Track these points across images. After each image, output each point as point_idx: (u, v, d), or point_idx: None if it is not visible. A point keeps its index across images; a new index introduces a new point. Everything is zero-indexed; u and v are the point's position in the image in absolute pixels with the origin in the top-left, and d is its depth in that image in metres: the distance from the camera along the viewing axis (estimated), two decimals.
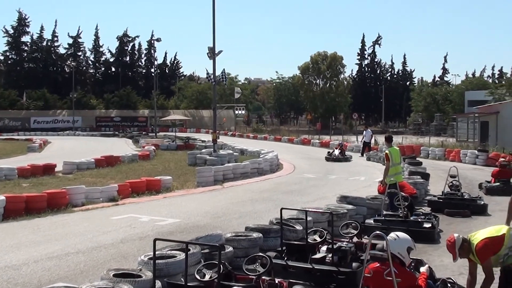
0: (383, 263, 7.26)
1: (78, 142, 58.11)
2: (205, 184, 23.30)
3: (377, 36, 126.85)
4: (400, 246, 7.43)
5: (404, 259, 7.45)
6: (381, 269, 7.25)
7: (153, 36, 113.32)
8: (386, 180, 14.89)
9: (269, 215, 13.92)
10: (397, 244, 7.43)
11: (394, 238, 7.49)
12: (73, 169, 28.09)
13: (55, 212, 16.19)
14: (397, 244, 7.44)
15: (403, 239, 7.56)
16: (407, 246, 7.49)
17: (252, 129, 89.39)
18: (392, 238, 7.45)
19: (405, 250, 7.45)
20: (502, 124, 47.10)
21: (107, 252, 11.44)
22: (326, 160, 36.66)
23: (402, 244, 7.48)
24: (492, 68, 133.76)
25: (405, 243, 7.51)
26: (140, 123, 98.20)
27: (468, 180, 24.22)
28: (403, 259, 7.43)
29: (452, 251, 7.76)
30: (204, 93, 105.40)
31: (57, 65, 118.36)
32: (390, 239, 7.29)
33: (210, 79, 34.96)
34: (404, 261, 7.45)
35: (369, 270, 7.31)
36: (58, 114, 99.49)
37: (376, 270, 7.30)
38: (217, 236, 9.77)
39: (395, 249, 7.32)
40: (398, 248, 7.40)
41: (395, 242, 7.40)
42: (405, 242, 7.53)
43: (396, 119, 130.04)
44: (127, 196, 19.55)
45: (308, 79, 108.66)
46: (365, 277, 7.17)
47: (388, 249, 6.93)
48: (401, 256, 7.40)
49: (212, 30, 33.80)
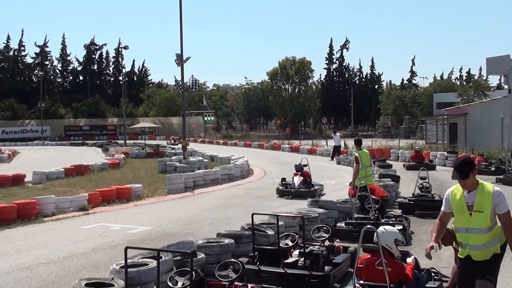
0: (374, 255, 7.91)
1: (47, 152, 57.58)
2: (176, 191, 23.23)
3: (345, 40, 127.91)
4: (388, 239, 7.90)
5: (392, 250, 7.91)
6: (372, 260, 7.84)
7: (121, 44, 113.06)
8: (356, 183, 14.98)
9: (240, 221, 13.92)
10: (386, 237, 7.90)
11: (382, 231, 7.95)
12: (43, 179, 27.82)
13: (25, 223, 16.02)
14: (385, 236, 7.91)
15: (390, 232, 8.11)
16: (394, 238, 7.98)
17: (222, 135, 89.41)
18: (381, 231, 7.89)
19: (393, 242, 7.93)
20: (471, 126, 47.64)
21: (78, 261, 11.36)
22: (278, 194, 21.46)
23: (390, 237, 7.97)
24: (460, 70, 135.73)
25: (392, 235, 8.02)
26: (109, 132, 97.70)
27: (438, 182, 24.42)
28: (392, 250, 7.89)
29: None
30: (173, 100, 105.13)
31: (24, 75, 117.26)
32: (379, 232, 7.74)
33: (179, 86, 34.84)
34: (393, 252, 7.91)
35: (361, 261, 7.87)
36: (26, 124, 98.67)
37: (368, 261, 7.88)
38: (188, 243, 9.74)
39: (384, 241, 7.78)
40: (387, 240, 7.86)
41: (383, 234, 7.85)
42: (392, 234, 8.04)
43: (365, 122, 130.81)
44: (97, 205, 19.41)
45: (277, 85, 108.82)
46: (358, 267, 7.65)
47: (379, 241, 7.47)
48: (390, 248, 7.86)
49: (179, 36, 33.80)
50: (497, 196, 6.38)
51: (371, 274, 7.68)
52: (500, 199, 6.38)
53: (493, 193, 6.38)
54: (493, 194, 6.37)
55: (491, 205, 6.36)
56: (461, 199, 6.52)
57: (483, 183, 6.47)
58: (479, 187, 6.44)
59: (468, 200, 6.45)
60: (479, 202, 6.37)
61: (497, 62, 45.71)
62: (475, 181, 6.45)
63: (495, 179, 25.58)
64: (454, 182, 6.63)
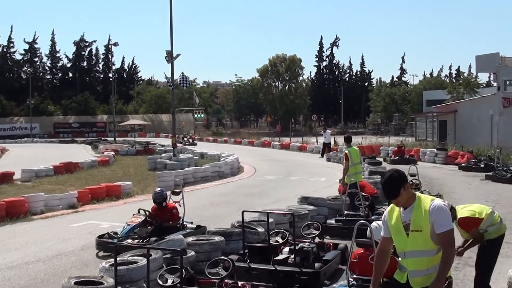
0: (367, 249, 8.24)
1: (36, 149, 57.29)
2: (166, 188, 23.14)
3: (335, 37, 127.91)
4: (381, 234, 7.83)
5: None
6: (365, 254, 8.23)
7: (110, 40, 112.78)
8: (346, 180, 15.02)
9: (230, 218, 13.90)
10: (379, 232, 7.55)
11: (376, 226, 8.06)
12: (32, 177, 27.70)
13: (14, 221, 16.00)
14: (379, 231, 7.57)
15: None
16: None
17: (212, 132, 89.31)
18: (374, 226, 8.05)
19: None
20: (460, 123, 47.81)
21: (68, 260, 11.33)
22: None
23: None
24: (450, 67, 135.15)
25: None
26: (99, 129, 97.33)
27: (428, 179, 24.48)
28: None
29: None
30: (163, 97, 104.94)
31: (13, 72, 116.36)
32: (373, 227, 7.90)
33: (170, 83, 34.78)
34: None
35: (354, 255, 8.18)
36: (15, 121, 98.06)
37: (361, 256, 8.28)
38: (178, 241, 9.74)
39: (377, 236, 7.63)
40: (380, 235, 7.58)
41: (376, 230, 7.85)
42: None
43: (355, 119, 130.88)
44: (87, 203, 19.40)
45: (267, 82, 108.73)
46: (351, 262, 7.85)
47: (372, 236, 7.62)
48: None
49: (170, 33, 33.68)
50: (434, 211, 5.40)
51: (364, 268, 7.78)
52: (438, 215, 5.39)
53: (430, 208, 5.41)
54: (430, 210, 5.40)
55: (429, 223, 5.40)
56: (397, 218, 5.67)
57: (420, 197, 5.58)
58: (415, 202, 5.54)
59: (404, 219, 5.59)
60: (415, 220, 5.47)
61: (487, 59, 45.92)
62: (410, 196, 5.56)
63: (484, 175, 25.75)
64: (445, 178, 6.61)
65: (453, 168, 30.91)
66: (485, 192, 21.29)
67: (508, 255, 10.78)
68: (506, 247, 11.27)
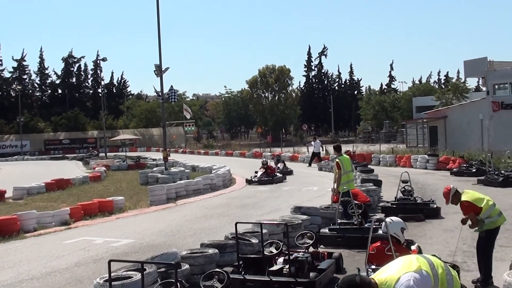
0: (383, 242, 9.19)
1: (27, 167, 57.20)
2: (158, 202, 23.15)
3: (323, 47, 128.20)
4: (395, 228, 9.22)
5: (400, 238, 9.24)
6: (382, 247, 9.16)
7: (99, 56, 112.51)
8: (339, 188, 15.02)
9: (224, 230, 13.89)
10: (393, 226, 9.19)
11: (390, 221, 9.22)
12: (24, 194, 27.62)
13: (6, 239, 15.92)
14: (393, 226, 9.19)
15: (397, 222, 9.44)
16: (400, 227, 9.35)
17: (203, 145, 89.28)
18: (389, 221, 9.18)
19: (399, 230, 9.28)
20: (451, 128, 47.96)
21: (62, 277, 11.27)
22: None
23: (397, 226, 9.30)
24: (438, 73, 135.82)
25: (398, 225, 9.36)
26: (90, 145, 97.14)
27: (420, 185, 24.56)
28: (399, 237, 9.21)
29: (446, 197, 9.82)
30: (153, 111, 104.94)
31: (2, 90, 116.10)
32: (387, 222, 9.04)
33: (160, 97, 34.80)
34: (400, 239, 9.24)
35: (372, 248, 9.09)
36: (5, 139, 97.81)
37: (378, 248, 9.19)
38: (172, 255, 9.70)
39: (392, 230, 9.01)
40: (394, 229, 9.17)
41: (391, 224, 9.11)
42: (398, 224, 9.39)
43: (345, 128, 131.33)
44: (79, 219, 19.32)
45: (257, 93, 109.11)
46: (370, 254, 8.71)
47: (388, 230, 8.72)
48: (397, 236, 9.16)
49: (158, 47, 33.71)
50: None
51: (381, 259, 8.19)
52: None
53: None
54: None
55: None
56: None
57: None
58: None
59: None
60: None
61: (475, 64, 46.17)
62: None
63: (476, 180, 25.79)
64: (438, 184, 6.66)
65: (445, 174, 30.98)
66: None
67: (503, 258, 10.79)
68: (500, 250, 11.31)
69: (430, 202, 17.58)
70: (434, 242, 12.92)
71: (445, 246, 12.61)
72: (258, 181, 29.91)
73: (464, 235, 10.56)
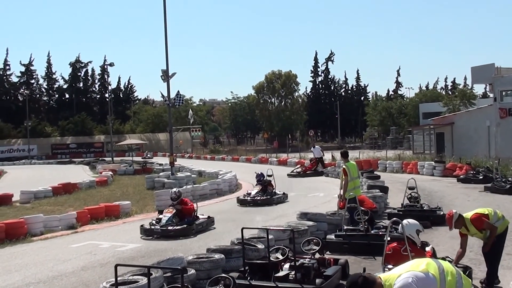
0: (399, 243, 9.49)
1: (34, 171, 57.29)
2: (165, 207, 23.11)
3: (330, 52, 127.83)
4: (411, 229, 9.40)
5: (415, 239, 9.42)
6: (398, 247, 9.41)
7: (106, 61, 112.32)
8: (345, 194, 14.99)
9: (230, 236, 13.88)
10: (409, 228, 9.40)
11: (406, 223, 9.41)
12: (31, 198, 27.70)
13: (13, 243, 15.96)
14: (409, 228, 9.38)
15: (412, 224, 9.61)
16: (416, 229, 9.52)
17: (209, 150, 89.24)
18: (405, 223, 9.38)
19: (415, 232, 9.44)
20: (458, 135, 47.75)
21: (68, 280, 11.30)
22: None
23: (413, 228, 9.48)
24: (445, 79, 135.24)
25: (414, 227, 9.55)
26: (97, 149, 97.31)
27: (426, 192, 24.49)
28: (414, 239, 9.39)
29: (449, 223, 9.84)
30: (160, 116, 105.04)
31: (10, 94, 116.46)
32: (404, 224, 9.28)
33: (167, 101, 34.83)
34: (415, 240, 9.42)
35: (389, 248, 9.37)
36: (13, 143, 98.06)
37: (395, 248, 9.44)
38: (178, 259, 9.71)
39: (408, 231, 9.26)
40: (410, 230, 9.36)
41: (407, 226, 9.35)
42: (414, 226, 9.57)
43: (352, 134, 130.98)
44: (86, 223, 19.38)
45: (263, 98, 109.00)
46: (386, 254, 9.10)
47: (404, 232, 9.12)
48: (412, 237, 9.35)
49: (165, 52, 33.76)
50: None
51: (398, 259, 8.20)
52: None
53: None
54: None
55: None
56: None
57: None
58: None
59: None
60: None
61: (482, 71, 45.96)
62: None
63: (483, 187, 25.71)
64: (444, 190, 6.66)
65: (452, 180, 30.88)
66: (484, 204, 21.17)
67: (510, 266, 10.77)
68: (508, 258, 11.28)
69: (437, 209, 17.53)
70: (441, 249, 12.88)
71: (452, 253, 12.51)
72: (252, 202, 24.03)
73: (470, 242, 10.54)
